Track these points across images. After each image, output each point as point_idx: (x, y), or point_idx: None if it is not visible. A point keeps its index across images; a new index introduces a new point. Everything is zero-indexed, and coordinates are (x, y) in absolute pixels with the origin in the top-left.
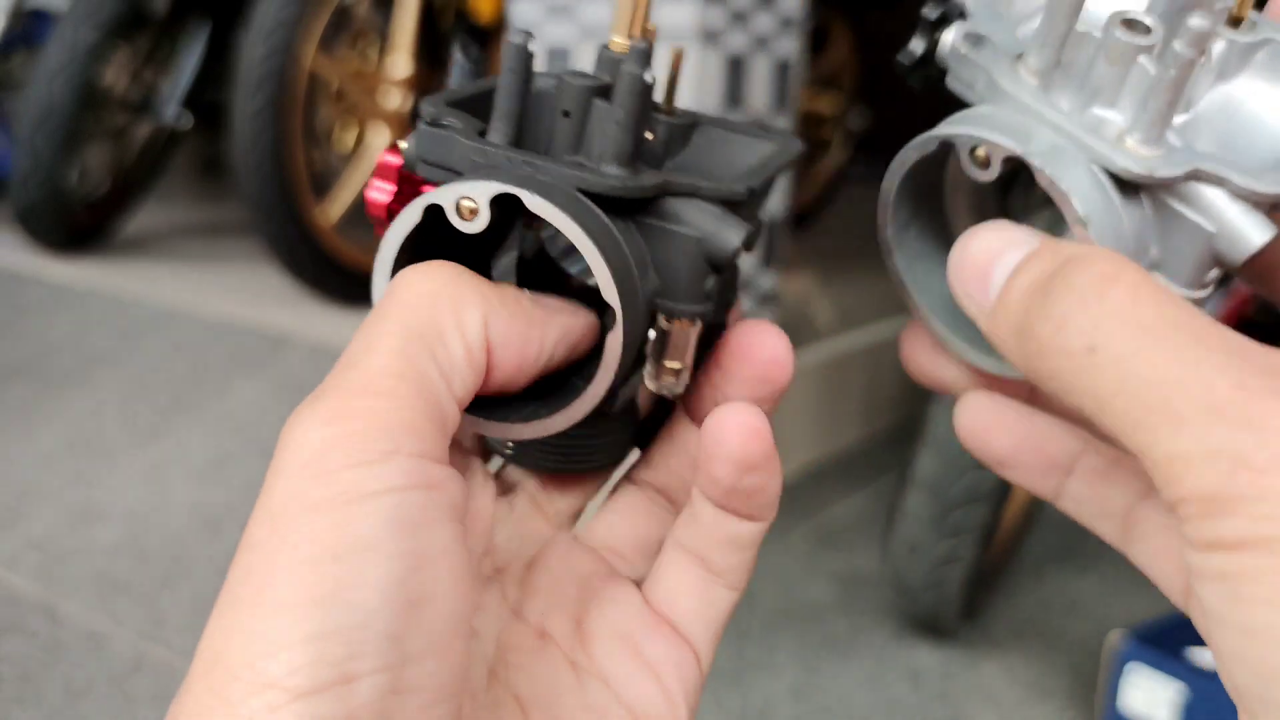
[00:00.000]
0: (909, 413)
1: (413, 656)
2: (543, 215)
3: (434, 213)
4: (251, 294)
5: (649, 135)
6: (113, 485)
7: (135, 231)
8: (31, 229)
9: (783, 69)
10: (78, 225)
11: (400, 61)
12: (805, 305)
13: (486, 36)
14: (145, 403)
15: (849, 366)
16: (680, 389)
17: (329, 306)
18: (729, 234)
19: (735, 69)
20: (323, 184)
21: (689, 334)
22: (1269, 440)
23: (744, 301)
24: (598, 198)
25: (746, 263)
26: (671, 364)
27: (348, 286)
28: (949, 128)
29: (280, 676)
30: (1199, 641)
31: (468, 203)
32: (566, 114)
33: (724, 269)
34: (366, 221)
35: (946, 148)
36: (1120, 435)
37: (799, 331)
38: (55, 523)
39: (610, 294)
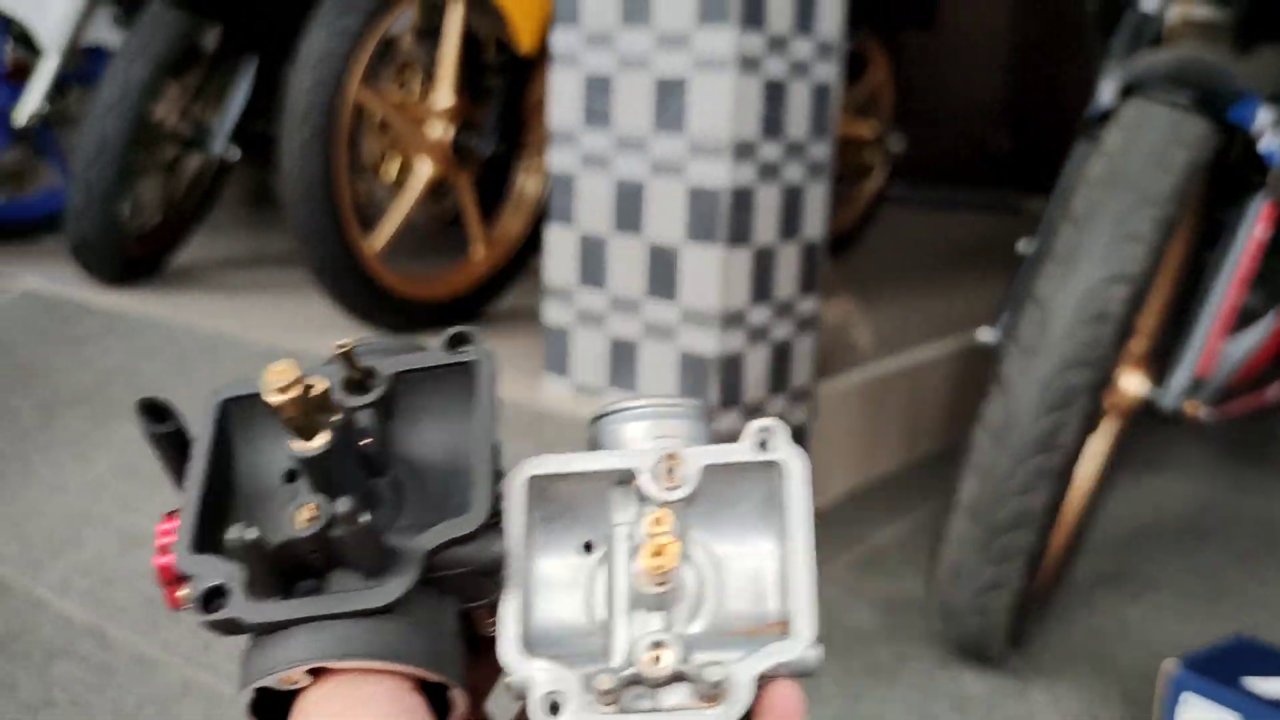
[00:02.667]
0: (952, 437)
1: None
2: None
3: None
4: (299, 323)
5: (368, 440)
6: (161, 512)
7: (186, 261)
8: (85, 262)
9: (821, 94)
10: (130, 257)
11: (443, 93)
12: (845, 328)
13: (528, 67)
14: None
15: (890, 391)
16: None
17: (374, 335)
18: (490, 551)
19: (774, 95)
20: (368, 214)
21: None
22: None
23: (784, 325)
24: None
25: (788, 287)
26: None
27: (392, 315)
28: None
29: None
30: (1255, 670)
31: (288, 678)
32: (314, 551)
33: (500, 566)
34: (410, 251)
35: None
36: None
37: (839, 355)
38: (105, 549)
39: (437, 678)
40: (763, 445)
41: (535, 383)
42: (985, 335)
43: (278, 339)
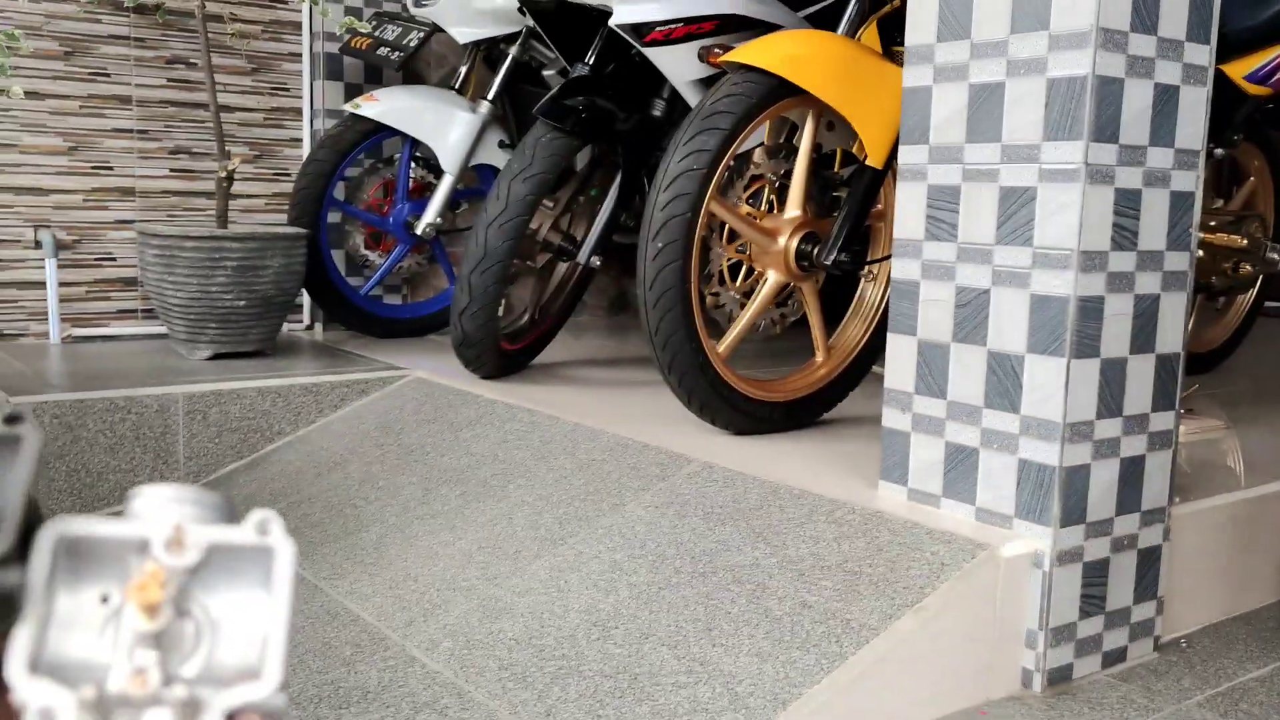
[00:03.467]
0: None
1: None
2: None
3: None
4: (648, 419)
5: None
6: (518, 585)
7: (551, 358)
8: (465, 357)
9: (1180, 203)
10: (503, 354)
11: (791, 205)
12: (1212, 449)
13: (875, 181)
14: (550, 512)
15: (1262, 520)
16: None
17: (717, 432)
18: (8, 580)
19: (1127, 204)
20: (715, 319)
21: None
22: None
23: (1136, 441)
24: None
25: (1140, 402)
26: None
27: (736, 415)
28: None
29: None
30: None
31: None
32: None
33: (16, 595)
34: (754, 351)
35: None
36: None
37: (1204, 477)
38: (468, 614)
39: None
40: (263, 531)
41: (871, 487)
42: None
43: (628, 432)
